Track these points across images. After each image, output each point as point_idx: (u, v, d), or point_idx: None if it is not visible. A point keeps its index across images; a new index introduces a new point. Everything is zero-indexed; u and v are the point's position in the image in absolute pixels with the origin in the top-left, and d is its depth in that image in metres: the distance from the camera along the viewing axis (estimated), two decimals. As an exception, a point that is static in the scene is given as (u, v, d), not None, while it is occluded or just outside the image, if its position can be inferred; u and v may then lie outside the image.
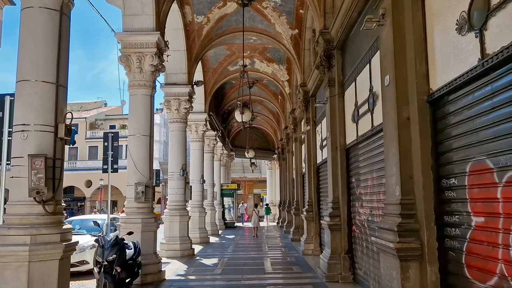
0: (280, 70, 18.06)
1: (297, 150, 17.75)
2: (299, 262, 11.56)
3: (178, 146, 13.82)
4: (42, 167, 4.65)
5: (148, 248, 9.00)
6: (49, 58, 5.11)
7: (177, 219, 13.35)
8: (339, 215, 8.91)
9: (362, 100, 7.54)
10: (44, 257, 4.64)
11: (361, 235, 7.94)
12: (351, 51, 8.55)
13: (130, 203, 9.20)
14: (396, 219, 4.78)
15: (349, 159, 8.88)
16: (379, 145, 6.61)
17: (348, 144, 8.72)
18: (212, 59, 17.52)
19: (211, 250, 14.74)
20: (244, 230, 25.23)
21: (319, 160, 12.81)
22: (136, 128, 9.43)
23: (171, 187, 13.69)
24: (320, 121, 12.43)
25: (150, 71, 9.53)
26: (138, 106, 9.48)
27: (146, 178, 9.26)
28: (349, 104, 8.59)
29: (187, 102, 13.83)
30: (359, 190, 8.05)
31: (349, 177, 8.87)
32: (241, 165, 44.33)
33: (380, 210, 6.68)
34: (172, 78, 13.90)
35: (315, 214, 13.03)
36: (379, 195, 6.73)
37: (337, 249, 8.81)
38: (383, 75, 5.35)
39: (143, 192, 9.03)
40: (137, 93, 9.50)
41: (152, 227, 9.18)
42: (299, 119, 17.29)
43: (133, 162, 9.27)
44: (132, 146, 9.40)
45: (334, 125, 9.26)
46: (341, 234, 8.83)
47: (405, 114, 4.87)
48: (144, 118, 9.45)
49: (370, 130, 6.97)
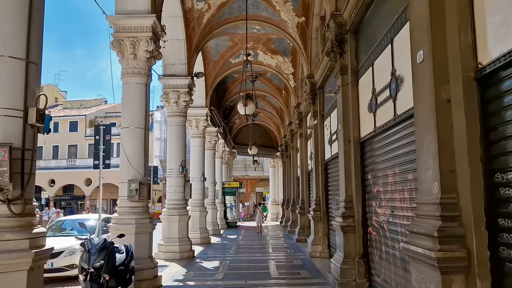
0: (284, 63, 17.22)
1: (302, 147, 16.92)
2: (307, 265, 10.73)
3: (177, 142, 13.00)
4: (6, 158, 3.83)
5: (142, 252, 8.19)
6: (18, 30, 4.28)
7: (176, 218, 12.55)
8: (352, 215, 8.08)
9: (381, 86, 6.69)
10: (9, 267, 3.82)
11: (379, 237, 7.11)
12: (367, 34, 7.71)
13: (123, 202, 8.39)
14: (434, 222, 3.94)
15: (364, 154, 8.04)
16: (404, 136, 5.78)
17: (363, 137, 7.89)
18: (213, 50, 16.69)
19: (212, 252, 13.93)
20: (246, 230, 24.42)
21: (327, 156, 11.97)
22: (129, 119, 8.61)
23: (170, 184, 12.87)
24: (329, 114, 11.59)
25: (145, 58, 8.70)
26: (131, 96, 8.66)
27: (141, 174, 8.45)
28: (365, 93, 7.75)
29: (187, 95, 13.00)
30: (377, 188, 7.22)
31: (364, 174, 8.04)
32: (243, 163, 43.50)
33: (404, 210, 5.85)
34: (170, 69, 13.08)
35: (323, 214, 12.22)
36: (403, 193, 5.90)
37: (350, 253, 7.98)
38: (415, 51, 4.51)
39: (137, 190, 8.21)
40: (130, 82, 8.67)
41: (147, 228, 8.37)
42: (305, 113, 16.46)
43: (126, 157, 8.45)
44: (125, 139, 8.58)
45: (347, 117, 8.42)
46: (355, 236, 8.01)
47: (444, 95, 4.03)
48: (138, 108, 8.63)
49: (392, 119, 6.13)
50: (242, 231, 23.39)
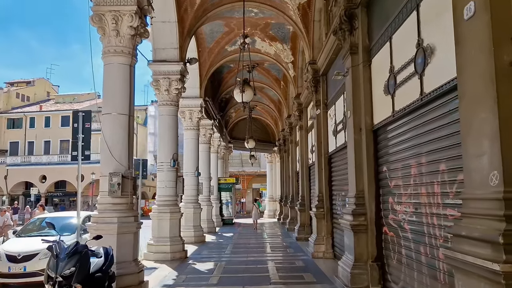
0: (284, 50, 16.20)
1: (302, 139, 15.97)
2: (310, 267, 9.78)
3: (168, 133, 11.99)
4: None
5: (126, 254, 7.21)
6: None
7: (167, 216, 11.55)
8: (364, 213, 7.14)
9: (402, 63, 5.72)
10: None
11: (397, 239, 6.16)
12: (382, 5, 6.73)
13: (104, 198, 7.39)
14: (494, 223, 2.99)
15: (378, 143, 7.08)
16: (434, 119, 4.83)
17: (378, 124, 6.93)
18: (208, 37, 15.65)
19: (207, 252, 12.96)
20: (243, 227, 23.48)
21: (331, 148, 11.01)
22: (111, 105, 7.60)
23: (161, 179, 11.86)
24: (334, 102, 10.62)
25: (129, 35, 7.68)
26: (114, 78, 7.64)
27: (124, 166, 7.45)
28: (380, 73, 6.78)
29: (179, 82, 11.98)
30: (395, 181, 6.27)
31: (377, 166, 7.08)
32: (240, 159, 42.55)
33: (433, 207, 4.90)
34: (161, 54, 12.04)
35: (327, 211, 11.27)
36: (431, 187, 4.95)
37: (362, 255, 7.04)
38: (460, 5, 3.53)
39: (119, 184, 7.22)
40: (112, 62, 7.65)
41: (131, 227, 7.37)
42: (306, 104, 15.49)
43: (107, 147, 7.44)
44: (106, 127, 7.57)
45: (358, 102, 7.46)
46: (367, 236, 7.07)
47: (507, 57, 3.07)
48: (121, 92, 7.61)
49: (418, 100, 5.16)
50: (239, 229, 22.45)
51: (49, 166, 45.80)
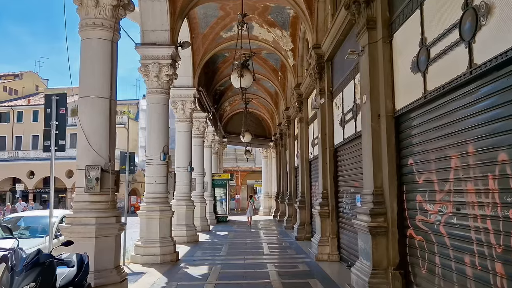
0: (283, 37, 15.14)
1: (302, 133, 14.97)
2: (315, 272, 8.79)
3: (158, 123, 10.89)
4: None
5: (105, 261, 6.17)
6: None
7: (156, 215, 10.47)
8: (384, 212, 6.15)
9: (440, 31, 4.69)
10: None
11: (428, 244, 5.17)
12: (408, -31, 5.71)
13: (80, 195, 6.33)
14: None
15: (401, 131, 6.09)
16: (491, 95, 3.83)
17: (401, 109, 5.92)
18: (202, 21, 14.54)
19: (200, 253, 11.91)
20: (238, 225, 22.48)
21: (338, 140, 10.01)
22: (89, 87, 6.55)
23: (150, 174, 10.79)
24: (341, 89, 9.61)
25: (110, 5, 6.59)
26: (92, 55, 6.56)
27: (104, 158, 6.39)
28: (405, 49, 5.78)
29: (170, 68, 10.88)
30: (425, 176, 5.27)
31: (400, 158, 6.09)
32: (234, 154, 41.49)
33: (486, 208, 3.91)
34: (150, 37, 10.92)
35: (332, 209, 10.28)
36: (484, 182, 3.95)
37: (381, 262, 6.07)
38: None
39: (97, 179, 6.16)
40: (91, 37, 6.57)
41: (112, 229, 6.32)
42: (306, 95, 14.49)
43: (84, 135, 6.38)
44: (83, 113, 6.52)
45: (376, 84, 6.46)
46: (387, 240, 6.09)
47: None
48: (101, 72, 6.55)
49: (466, 73, 4.15)
50: (234, 227, 21.45)
51: (37, 161, 44.42)
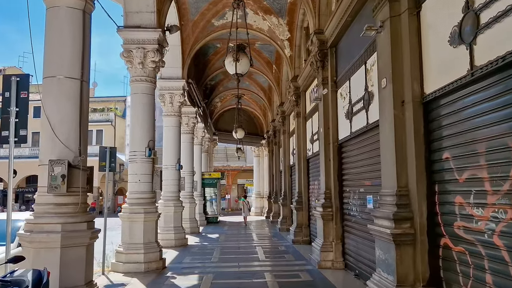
0: (279, 26, 14.10)
1: (300, 128, 14.00)
2: (319, 283, 7.78)
3: (143, 115, 9.77)
4: None
5: (74, 277, 5.06)
6: None
7: (140, 217, 9.34)
8: (410, 217, 5.16)
9: (494, -10, 3.71)
10: None
11: (473, 258, 4.17)
12: None
13: (43, 196, 5.20)
14: None
15: (430, 120, 5.10)
16: None
17: (432, 92, 4.93)
18: (192, 7, 13.42)
19: (190, 259, 10.81)
20: (229, 226, 21.41)
21: (343, 134, 9.00)
22: (55, 65, 5.41)
23: (133, 172, 9.65)
24: (348, 77, 8.61)
25: (82, -32, 5.48)
26: (60, 27, 5.44)
27: (73, 152, 5.28)
28: (439, 19, 4.78)
29: (156, 54, 9.76)
30: (469, 173, 4.28)
31: (430, 152, 5.09)
32: (224, 153, 40.38)
33: None
34: (134, 19, 9.80)
35: (336, 211, 9.28)
36: None
37: (407, 277, 5.07)
38: None
39: (64, 176, 5.04)
40: (58, 4, 5.45)
41: (82, 238, 5.21)
42: (304, 87, 13.51)
43: (49, 123, 5.25)
44: (48, 96, 5.38)
45: (399, 65, 5.46)
46: (414, 250, 5.09)
47: None
48: (70, 47, 5.43)
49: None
50: (225, 228, 20.36)
51: (20, 159, 42.68)
